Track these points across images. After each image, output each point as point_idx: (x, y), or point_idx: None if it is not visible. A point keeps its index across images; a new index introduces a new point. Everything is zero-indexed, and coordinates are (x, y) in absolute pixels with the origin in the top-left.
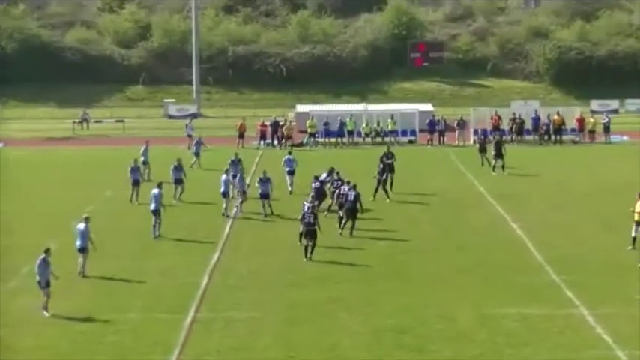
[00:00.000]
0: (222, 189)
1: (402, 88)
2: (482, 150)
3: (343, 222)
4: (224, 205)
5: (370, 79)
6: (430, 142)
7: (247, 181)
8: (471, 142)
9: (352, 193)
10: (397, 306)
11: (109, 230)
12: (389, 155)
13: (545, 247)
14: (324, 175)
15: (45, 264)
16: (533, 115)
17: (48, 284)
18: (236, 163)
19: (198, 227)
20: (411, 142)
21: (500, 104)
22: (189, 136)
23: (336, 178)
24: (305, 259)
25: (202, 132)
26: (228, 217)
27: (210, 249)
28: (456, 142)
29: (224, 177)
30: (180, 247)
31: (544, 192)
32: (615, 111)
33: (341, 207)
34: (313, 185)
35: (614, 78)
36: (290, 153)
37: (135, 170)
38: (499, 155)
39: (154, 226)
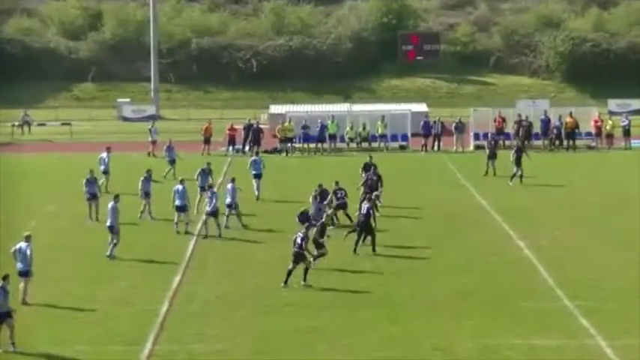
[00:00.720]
0: (177, 202)
1: (391, 85)
2: (492, 156)
3: (360, 239)
4: (184, 220)
5: (355, 76)
6: (424, 148)
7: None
8: (471, 147)
9: (366, 206)
10: (385, 337)
11: (54, 250)
12: (370, 167)
13: (556, 268)
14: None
15: (4, 292)
16: (543, 117)
17: (9, 315)
18: (207, 173)
19: (158, 246)
20: (402, 147)
21: (505, 104)
22: (154, 142)
23: (336, 187)
24: (282, 285)
25: (162, 137)
26: (187, 233)
27: (171, 271)
28: (454, 148)
29: (179, 187)
30: (136, 269)
31: (555, 205)
32: (637, 112)
33: None
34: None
35: (635, 74)
36: (257, 153)
37: (91, 182)
38: (519, 163)
39: (110, 244)
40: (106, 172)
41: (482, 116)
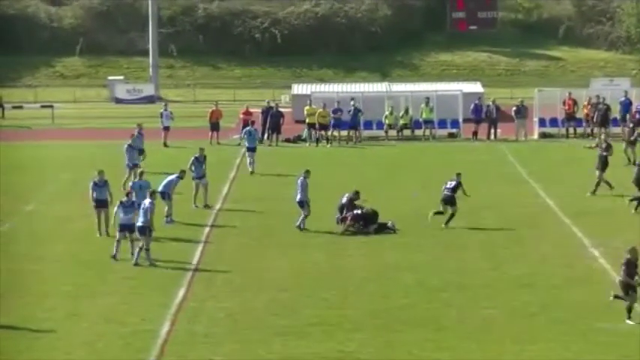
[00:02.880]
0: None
1: (439, 61)
2: (632, 143)
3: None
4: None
5: (395, 49)
6: (475, 136)
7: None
8: (535, 135)
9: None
10: None
11: (34, 258)
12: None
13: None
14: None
15: None
16: (623, 99)
17: None
18: (201, 161)
19: (158, 254)
20: (452, 135)
21: (577, 83)
22: (166, 128)
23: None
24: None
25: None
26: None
27: (173, 284)
28: (515, 136)
29: (172, 177)
30: (132, 281)
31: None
32: None
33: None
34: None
35: None
36: (252, 123)
37: (100, 187)
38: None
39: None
40: (141, 152)
41: (548, 98)
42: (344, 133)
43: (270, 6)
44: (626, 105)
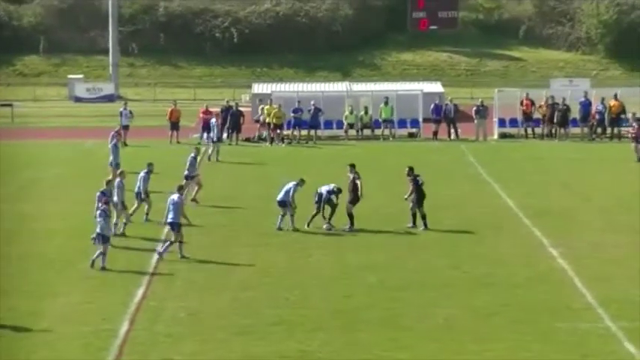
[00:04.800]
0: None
1: (400, 61)
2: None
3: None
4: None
5: (356, 49)
6: (435, 136)
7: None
8: (495, 135)
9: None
10: None
11: None
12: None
13: (596, 282)
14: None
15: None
16: (582, 99)
17: None
18: (195, 158)
19: (117, 253)
20: (412, 135)
21: (537, 84)
22: (125, 127)
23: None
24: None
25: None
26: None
27: (134, 283)
28: (475, 136)
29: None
30: (92, 280)
31: (596, 207)
32: None
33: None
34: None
35: None
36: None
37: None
38: None
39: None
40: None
41: (508, 98)
42: (304, 132)
43: (231, 5)
44: (586, 106)
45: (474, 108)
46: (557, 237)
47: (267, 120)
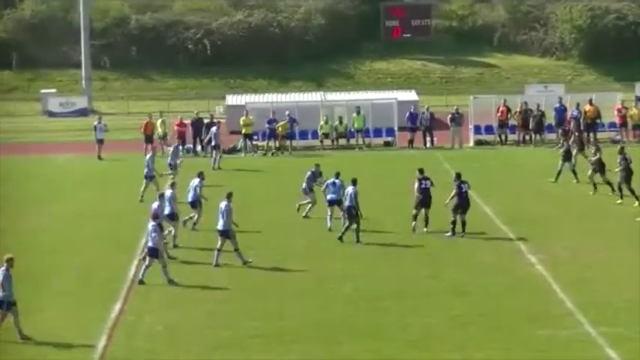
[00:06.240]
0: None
1: (373, 69)
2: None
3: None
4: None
5: (329, 59)
6: (411, 145)
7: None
8: (471, 143)
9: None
10: None
11: None
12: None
13: (575, 287)
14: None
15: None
16: (557, 105)
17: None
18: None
19: (94, 268)
20: (387, 144)
21: (512, 90)
22: (100, 140)
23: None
24: None
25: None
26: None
27: (110, 297)
28: (451, 144)
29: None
30: (69, 296)
31: (574, 213)
32: None
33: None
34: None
35: None
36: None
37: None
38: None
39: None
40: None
41: (483, 105)
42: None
43: (203, 17)
44: (561, 111)
45: (449, 116)
46: (534, 243)
47: (242, 131)
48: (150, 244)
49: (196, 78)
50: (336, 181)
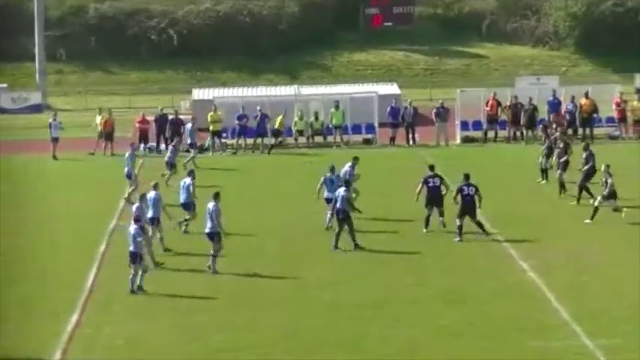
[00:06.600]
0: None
1: (352, 61)
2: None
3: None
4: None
5: (304, 50)
6: (392, 142)
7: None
8: (457, 140)
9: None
10: None
11: None
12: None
13: (570, 295)
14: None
15: None
16: (551, 99)
17: None
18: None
19: (50, 276)
20: (367, 141)
21: (501, 83)
22: (55, 139)
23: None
24: None
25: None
26: None
27: (66, 309)
28: (436, 141)
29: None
30: (19, 307)
31: (567, 214)
32: None
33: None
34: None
35: None
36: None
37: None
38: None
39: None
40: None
41: (471, 99)
42: (249, 141)
43: (167, 5)
44: (555, 105)
45: (434, 110)
46: (526, 247)
47: (211, 128)
48: (131, 248)
49: (160, 70)
50: (333, 177)
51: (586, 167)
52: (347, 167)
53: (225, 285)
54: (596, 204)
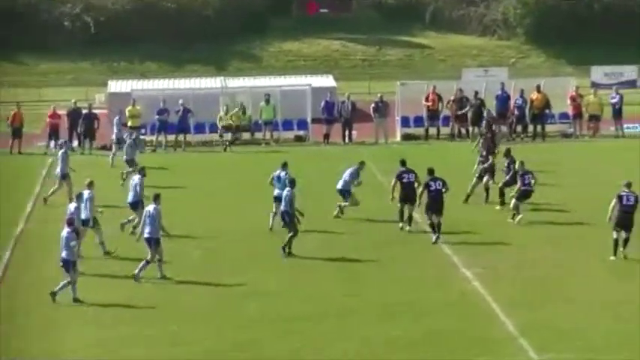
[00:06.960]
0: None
1: (283, 51)
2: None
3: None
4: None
5: (232, 38)
6: (327, 139)
7: None
8: (398, 137)
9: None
10: None
11: None
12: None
13: (517, 307)
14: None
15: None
16: (499, 93)
17: None
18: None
19: None
20: (299, 138)
21: (446, 75)
22: None
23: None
24: None
25: None
26: None
27: None
28: (374, 139)
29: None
30: None
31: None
32: (631, 83)
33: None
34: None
35: (628, 32)
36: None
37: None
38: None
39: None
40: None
41: (413, 92)
42: (171, 137)
43: None
44: (504, 99)
45: (373, 105)
46: (470, 255)
47: (129, 123)
48: (63, 254)
49: (73, 61)
50: (282, 174)
51: (507, 178)
52: (351, 169)
53: (142, 295)
54: (511, 206)
